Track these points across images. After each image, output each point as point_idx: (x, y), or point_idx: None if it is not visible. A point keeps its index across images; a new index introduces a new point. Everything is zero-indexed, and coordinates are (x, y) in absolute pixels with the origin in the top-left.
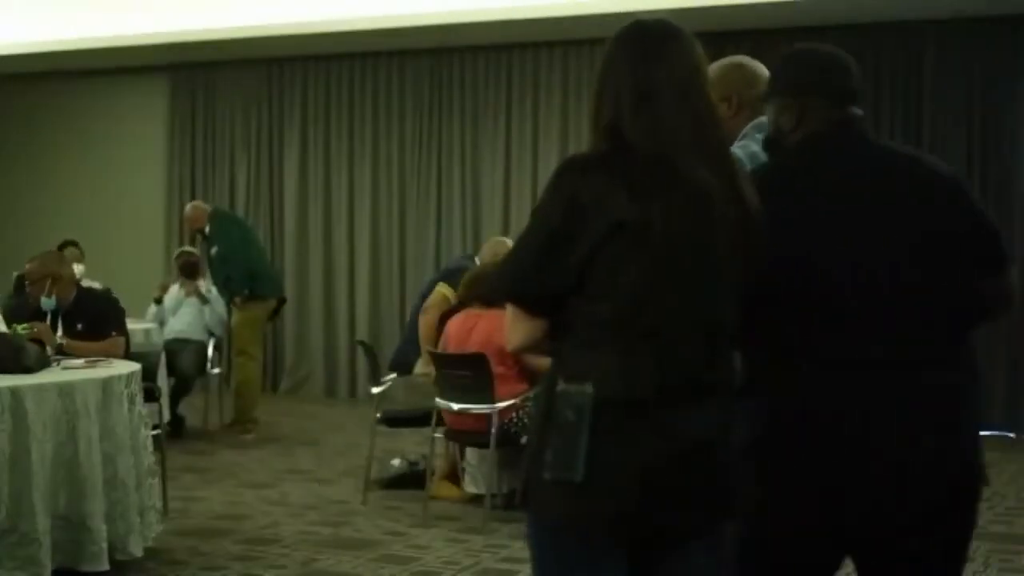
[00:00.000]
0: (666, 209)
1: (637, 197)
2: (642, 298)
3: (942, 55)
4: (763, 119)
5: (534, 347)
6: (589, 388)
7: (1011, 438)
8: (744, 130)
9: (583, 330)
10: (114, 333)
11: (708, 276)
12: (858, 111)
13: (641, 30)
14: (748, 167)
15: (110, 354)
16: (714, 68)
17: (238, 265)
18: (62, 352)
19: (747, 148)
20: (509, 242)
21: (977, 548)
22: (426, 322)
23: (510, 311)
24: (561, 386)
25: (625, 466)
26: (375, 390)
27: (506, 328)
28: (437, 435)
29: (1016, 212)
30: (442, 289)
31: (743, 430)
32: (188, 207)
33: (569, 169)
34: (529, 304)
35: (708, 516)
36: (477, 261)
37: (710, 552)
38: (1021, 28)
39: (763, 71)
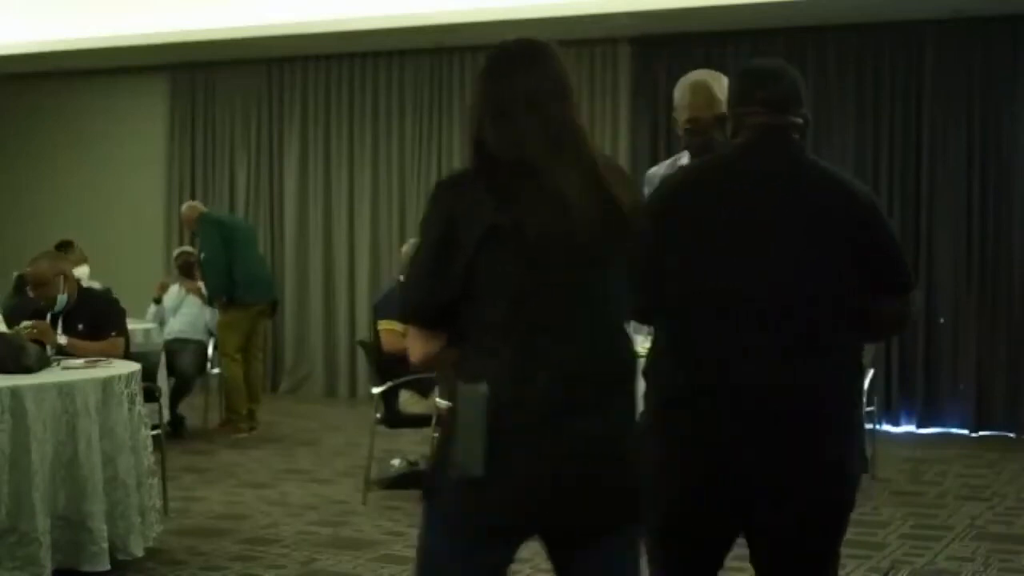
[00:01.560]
0: (530, 212)
1: (503, 203)
2: (519, 298)
3: (942, 55)
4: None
5: (435, 359)
6: (483, 388)
7: (1011, 438)
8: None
9: (475, 334)
10: (114, 334)
11: (585, 273)
12: (796, 119)
13: (500, 51)
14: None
15: (109, 354)
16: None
17: (218, 274)
18: (62, 352)
19: (676, 162)
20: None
21: (977, 548)
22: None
23: (410, 329)
24: (460, 387)
25: (520, 465)
26: (375, 390)
27: (408, 344)
28: (437, 435)
29: (1016, 212)
30: (387, 326)
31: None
32: (183, 206)
33: (442, 187)
34: (423, 318)
35: (608, 515)
36: (403, 278)
37: (622, 551)
38: (1021, 28)
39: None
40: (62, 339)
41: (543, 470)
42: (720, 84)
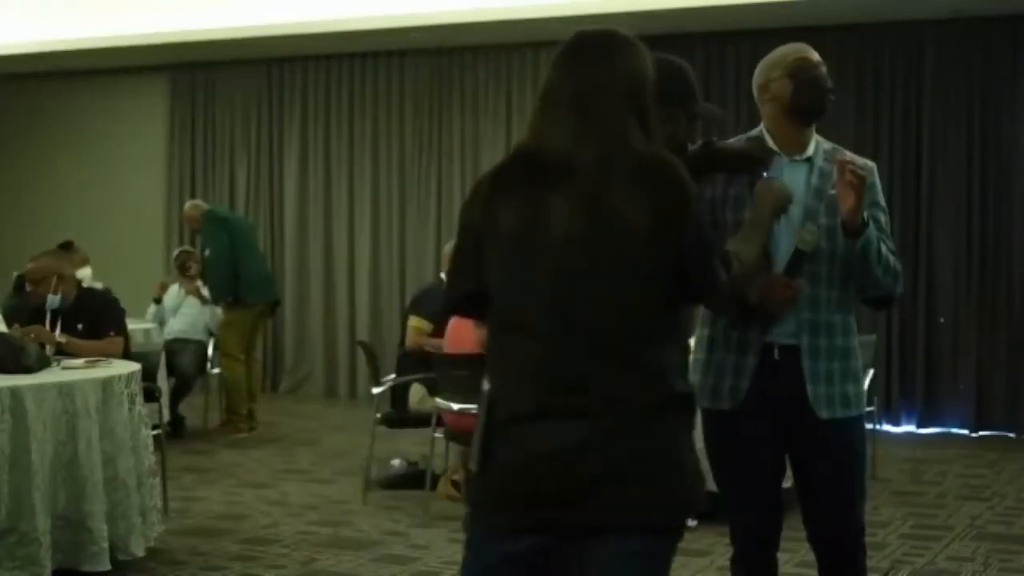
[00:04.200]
0: (537, 211)
1: (514, 199)
2: (505, 298)
3: (942, 55)
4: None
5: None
6: (486, 386)
7: (1011, 438)
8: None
9: (489, 331)
10: (112, 333)
11: (585, 279)
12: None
13: (571, 41)
14: None
15: (108, 354)
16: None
17: (223, 270)
18: (61, 351)
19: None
20: None
21: (977, 548)
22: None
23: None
24: (484, 383)
25: (507, 462)
26: (375, 390)
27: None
28: (437, 435)
29: (1016, 212)
30: (414, 323)
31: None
32: (187, 205)
33: (480, 179)
34: (450, 311)
35: (593, 517)
36: (443, 276)
37: (624, 560)
38: (1021, 28)
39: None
40: (61, 338)
41: (523, 472)
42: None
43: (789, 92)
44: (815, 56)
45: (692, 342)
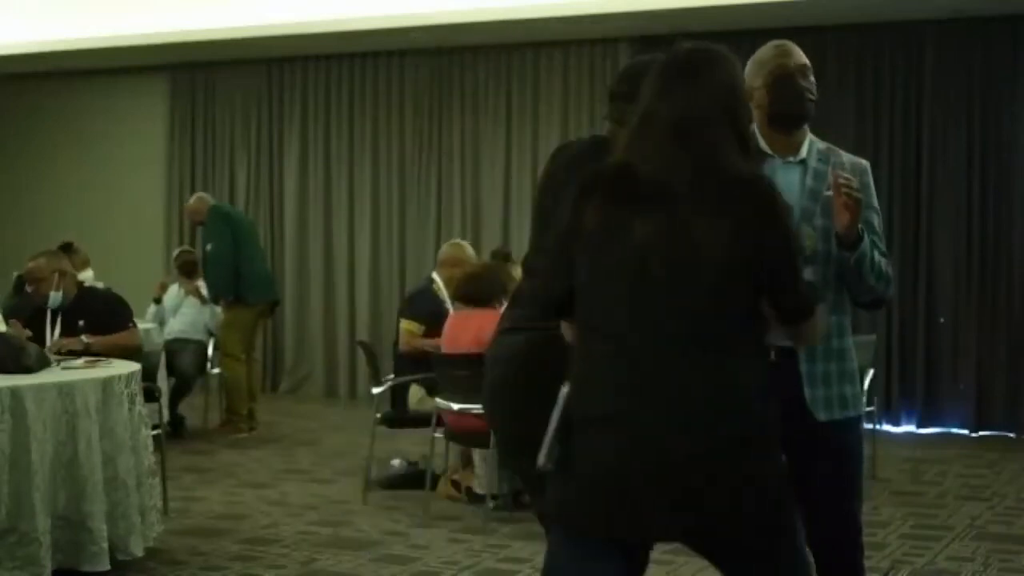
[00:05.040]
0: (620, 226)
1: (593, 211)
2: (590, 304)
3: (942, 55)
4: None
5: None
6: (566, 389)
7: (1011, 438)
8: None
9: (577, 334)
10: (131, 325)
11: (674, 287)
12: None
13: (670, 60)
14: None
15: (129, 344)
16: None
17: (226, 268)
18: (87, 352)
19: None
20: (465, 244)
21: (977, 548)
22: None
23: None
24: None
25: (581, 465)
26: (375, 390)
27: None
28: (437, 435)
29: (1016, 212)
30: (406, 326)
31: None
32: (192, 198)
33: (581, 179)
34: (545, 315)
35: (688, 529)
36: (435, 277)
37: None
38: (1021, 28)
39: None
40: (87, 339)
41: (598, 476)
42: (797, 47)
43: (767, 103)
44: (793, 60)
45: None
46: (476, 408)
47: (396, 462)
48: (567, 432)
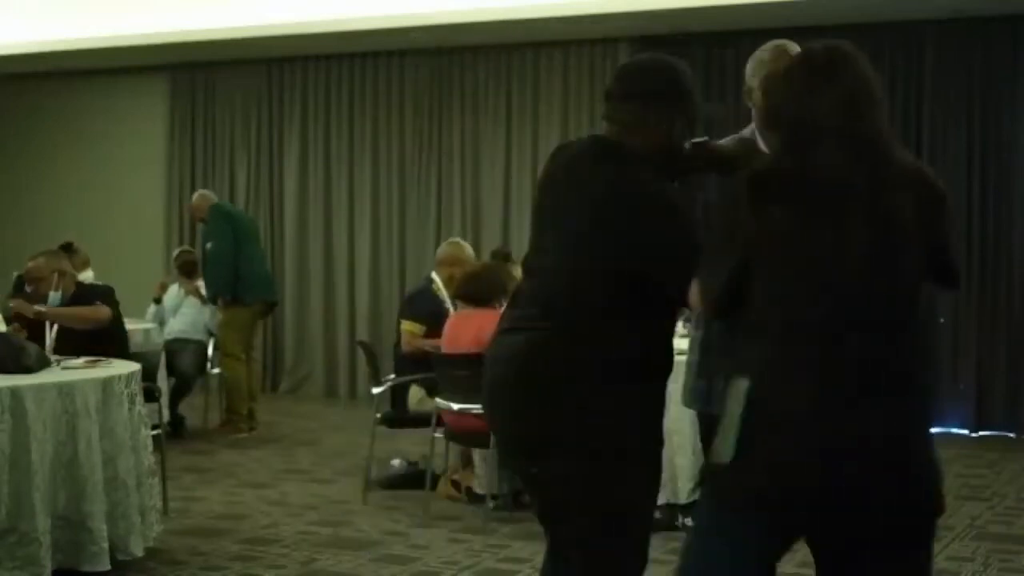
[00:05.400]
0: (806, 224)
1: (774, 212)
2: (785, 303)
3: (942, 55)
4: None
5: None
6: (746, 383)
7: (1011, 438)
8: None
9: (747, 328)
10: (98, 302)
11: (871, 276)
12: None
13: (806, 59)
14: None
15: (91, 318)
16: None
17: (225, 268)
18: (41, 317)
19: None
20: (464, 243)
21: (977, 548)
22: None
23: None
24: (730, 379)
25: (771, 458)
26: (375, 390)
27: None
28: (437, 435)
29: (1016, 212)
30: (407, 327)
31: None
32: (195, 195)
33: (744, 181)
34: (710, 311)
35: (877, 525)
36: (434, 276)
37: (905, 560)
38: (1021, 28)
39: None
40: (40, 307)
41: (792, 468)
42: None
43: (763, 106)
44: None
45: (685, 344)
46: (476, 408)
47: (396, 462)
48: (755, 424)
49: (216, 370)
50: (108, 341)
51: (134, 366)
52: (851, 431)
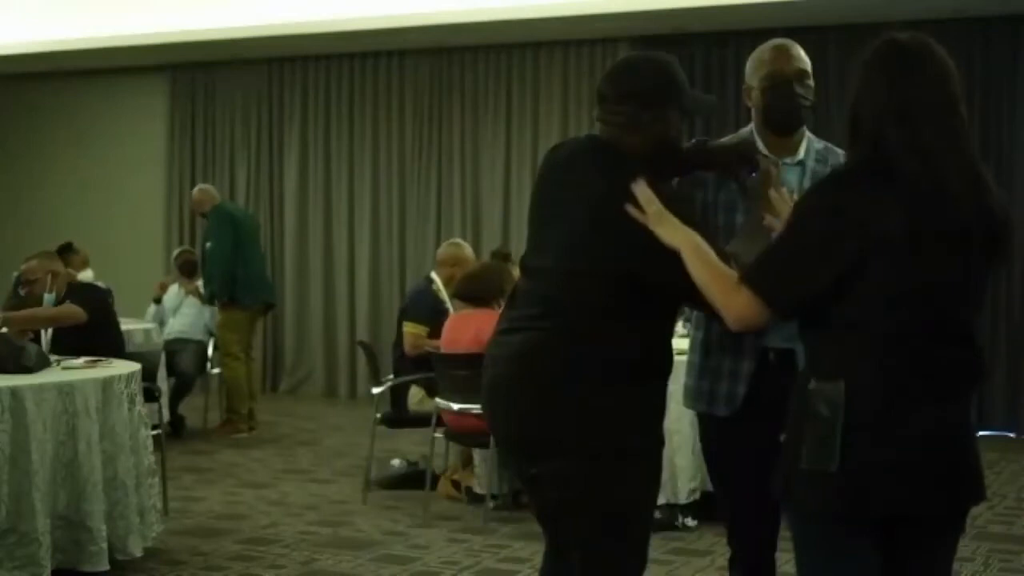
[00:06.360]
0: (921, 219)
1: (893, 209)
2: (894, 303)
3: None
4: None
5: (756, 328)
6: (841, 386)
7: (1011, 438)
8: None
9: (837, 330)
10: (69, 301)
11: (956, 282)
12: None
13: (896, 46)
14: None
15: (58, 319)
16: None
17: (222, 269)
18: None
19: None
20: (464, 243)
21: (977, 548)
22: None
23: (754, 302)
24: (813, 384)
25: (876, 459)
26: (375, 390)
27: (738, 308)
28: (437, 435)
29: (1016, 212)
30: (410, 328)
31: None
32: (196, 189)
33: (832, 182)
34: (780, 305)
35: (958, 505)
36: (434, 276)
37: (954, 539)
38: (1021, 28)
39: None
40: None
41: (897, 468)
42: (799, 48)
43: (762, 107)
44: (792, 64)
45: (685, 344)
46: (476, 408)
47: (396, 462)
48: (858, 429)
49: (216, 370)
50: (100, 340)
51: (134, 366)
52: (943, 431)
